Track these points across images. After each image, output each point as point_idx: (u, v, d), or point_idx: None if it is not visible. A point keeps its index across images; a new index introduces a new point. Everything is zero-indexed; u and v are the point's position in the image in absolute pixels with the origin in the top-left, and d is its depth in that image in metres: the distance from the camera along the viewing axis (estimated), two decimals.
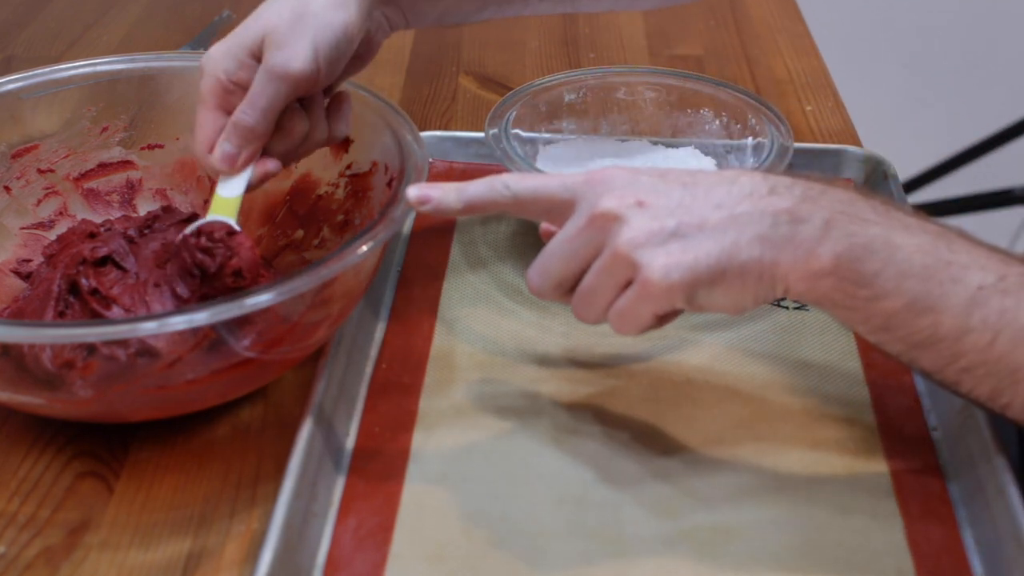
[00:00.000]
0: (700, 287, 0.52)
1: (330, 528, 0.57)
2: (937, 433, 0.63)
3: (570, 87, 0.84)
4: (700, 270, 0.51)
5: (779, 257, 0.52)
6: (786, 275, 0.52)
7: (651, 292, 0.51)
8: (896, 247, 0.52)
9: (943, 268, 0.52)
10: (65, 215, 0.74)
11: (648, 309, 0.52)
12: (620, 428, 0.63)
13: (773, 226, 0.52)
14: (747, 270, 0.52)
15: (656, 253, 0.51)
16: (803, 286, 0.52)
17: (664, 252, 0.51)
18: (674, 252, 0.51)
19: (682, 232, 0.51)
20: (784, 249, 0.52)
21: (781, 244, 0.51)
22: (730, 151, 0.82)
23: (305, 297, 0.59)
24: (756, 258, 0.51)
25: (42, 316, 0.64)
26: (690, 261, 0.51)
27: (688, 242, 0.51)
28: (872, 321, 0.53)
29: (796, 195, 0.53)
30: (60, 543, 0.57)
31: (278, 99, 0.63)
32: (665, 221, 0.52)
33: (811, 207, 0.52)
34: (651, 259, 0.51)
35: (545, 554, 0.55)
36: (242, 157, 0.64)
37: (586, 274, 0.54)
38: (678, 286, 0.51)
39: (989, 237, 0.55)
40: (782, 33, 1.13)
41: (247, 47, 0.63)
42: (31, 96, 0.73)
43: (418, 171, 0.65)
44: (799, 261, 0.52)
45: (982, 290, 0.52)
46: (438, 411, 0.64)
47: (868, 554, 0.55)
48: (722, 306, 0.53)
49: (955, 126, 1.80)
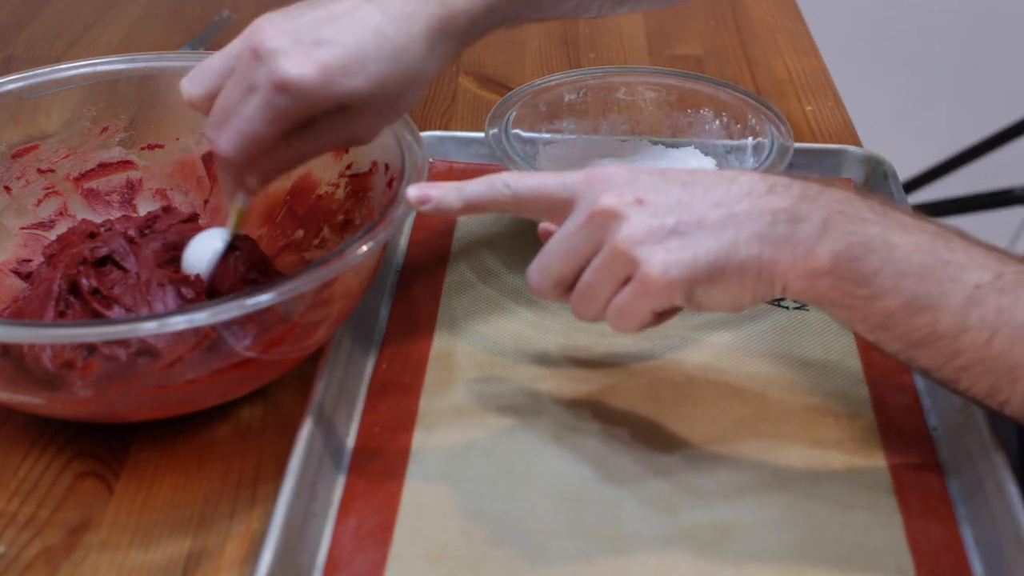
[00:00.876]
0: (699, 284, 0.52)
1: (330, 528, 0.57)
2: (937, 432, 0.63)
3: (570, 87, 0.84)
4: (699, 267, 0.51)
5: (777, 255, 0.52)
6: (784, 273, 0.52)
7: (650, 288, 0.52)
8: (894, 246, 0.52)
9: (941, 267, 0.52)
10: (65, 215, 0.74)
11: (647, 306, 0.53)
12: (620, 427, 0.63)
13: (771, 224, 0.52)
14: (746, 268, 0.52)
15: (655, 250, 0.51)
16: (801, 284, 0.52)
17: (663, 249, 0.51)
18: (673, 249, 0.51)
19: (681, 229, 0.52)
20: (782, 248, 0.52)
21: (779, 243, 0.52)
22: (730, 151, 0.82)
23: (305, 297, 0.59)
24: (755, 256, 0.52)
25: (42, 316, 0.64)
26: (689, 258, 0.51)
27: (687, 239, 0.52)
28: (870, 320, 0.53)
29: (794, 195, 0.53)
30: (60, 543, 0.57)
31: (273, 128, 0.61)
32: (664, 218, 0.52)
33: (809, 206, 0.52)
34: (650, 256, 0.51)
35: (545, 553, 0.55)
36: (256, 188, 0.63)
37: (585, 271, 0.54)
38: (677, 282, 0.51)
39: (989, 237, 0.55)
40: (782, 33, 1.13)
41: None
42: (31, 96, 0.73)
43: (418, 171, 0.65)
44: (797, 260, 0.52)
45: (979, 289, 0.52)
46: (438, 411, 0.64)
47: (868, 552, 0.55)
48: (720, 304, 0.53)
49: (955, 126, 1.80)
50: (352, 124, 0.60)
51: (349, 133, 0.61)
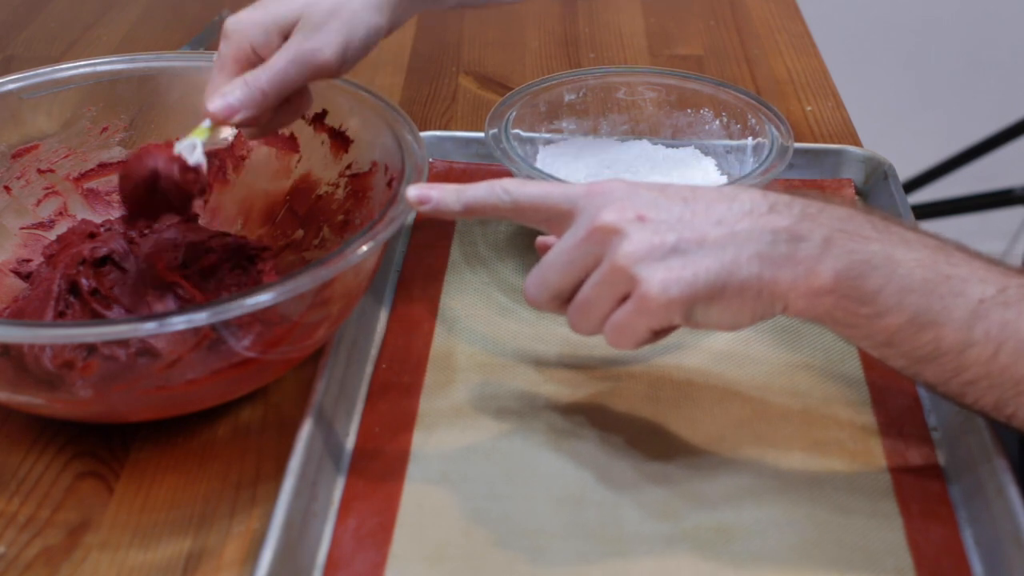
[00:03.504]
0: (698, 303, 0.51)
1: (330, 528, 0.57)
2: (937, 433, 0.63)
3: (570, 87, 0.84)
4: (699, 286, 0.51)
5: (778, 275, 0.51)
6: (785, 293, 0.52)
7: (649, 307, 0.51)
8: (896, 262, 0.52)
9: (943, 282, 0.52)
10: (65, 215, 0.74)
11: (645, 323, 0.52)
12: (620, 428, 0.63)
13: (772, 244, 0.51)
14: (746, 287, 0.51)
15: (655, 268, 0.51)
16: (803, 304, 0.52)
17: (664, 267, 0.51)
18: (674, 267, 0.51)
19: (682, 248, 0.51)
20: (783, 267, 0.51)
21: (780, 262, 0.51)
22: (730, 151, 0.82)
23: (305, 297, 0.59)
24: (755, 275, 0.51)
25: (42, 316, 0.64)
26: (689, 277, 0.51)
27: (688, 258, 0.51)
28: (874, 337, 0.53)
29: (795, 213, 0.52)
30: (60, 543, 0.57)
31: (298, 80, 0.64)
32: (665, 236, 0.51)
33: (810, 225, 0.52)
34: (650, 274, 0.51)
35: (545, 554, 0.55)
36: (239, 116, 0.63)
37: (583, 286, 0.53)
38: (677, 301, 0.51)
39: (989, 237, 0.55)
40: (782, 33, 1.13)
41: (279, 24, 0.64)
42: (31, 96, 0.73)
43: (418, 171, 0.65)
44: (799, 279, 0.51)
45: (983, 303, 0.51)
46: (438, 411, 0.64)
47: (868, 554, 0.55)
48: (719, 323, 0.53)
49: (955, 126, 1.80)
50: None
51: None
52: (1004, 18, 1.93)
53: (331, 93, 0.73)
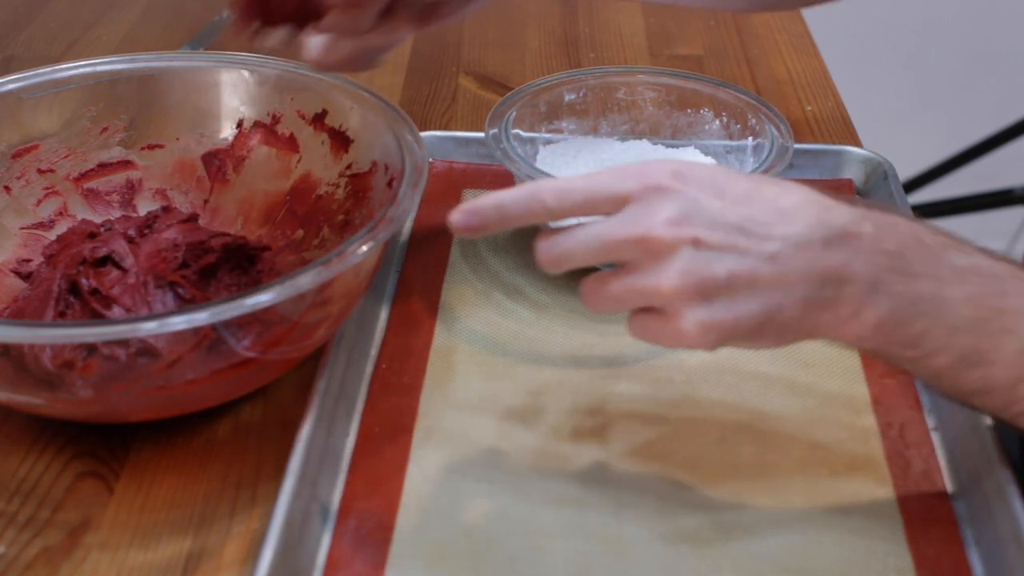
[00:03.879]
0: (733, 341, 0.50)
1: (330, 528, 0.57)
2: (937, 433, 0.63)
3: (570, 87, 0.84)
4: (739, 331, 0.50)
5: (820, 319, 0.50)
6: (824, 334, 0.51)
7: (682, 340, 0.50)
8: (944, 302, 0.50)
9: (995, 318, 0.50)
10: (65, 215, 0.74)
11: (670, 344, 0.51)
12: (620, 427, 0.63)
13: (820, 287, 0.50)
14: (785, 329, 0.50)
15: (699, 308, 0.49)
16: (843, 341, 0.52)
17: (707, 310, 0.49)
18: (717, 311, 0.49)
19: (732, 285, 0.49)
20: (825, 311, 0.50)
21: (823, 305, 0.50)
22: (730, 151, 0.82)
23: (305, 297, 0.59)
24: (796, 318, 0.50)
25: (42, 316, 0.64)
26: (731, 323, 0.49)
27: (734, 301, 0.49)
28: (920, 373, 0.53)
29: (849, 249, 0.50)
30: (60, 543, 0.57)
31: None
32: (717, 270, 0.49)
33: (862, 263, 0.50)
34: (692, 313, 0.49)
35: (545, 554, 0.55)
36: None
37: (615, 278, 0.51)
38: (713, 341, 0.50)
39: (989, 237, 0.55)
40: (782, 33, 1.13)
41: None
42: (31, 96, 0.73)
43: (418, 171, 0.65)
44: (840, 323, 0.50)
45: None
46: (438, 411, 0.64)
47: (868, 554, 0.55)
48: (746, 347, 0.52)
49: (955, 126, 1.80)
50: None
51: None
52: (1004, 18, 1.93)
53: (331, 93, 0.73)
